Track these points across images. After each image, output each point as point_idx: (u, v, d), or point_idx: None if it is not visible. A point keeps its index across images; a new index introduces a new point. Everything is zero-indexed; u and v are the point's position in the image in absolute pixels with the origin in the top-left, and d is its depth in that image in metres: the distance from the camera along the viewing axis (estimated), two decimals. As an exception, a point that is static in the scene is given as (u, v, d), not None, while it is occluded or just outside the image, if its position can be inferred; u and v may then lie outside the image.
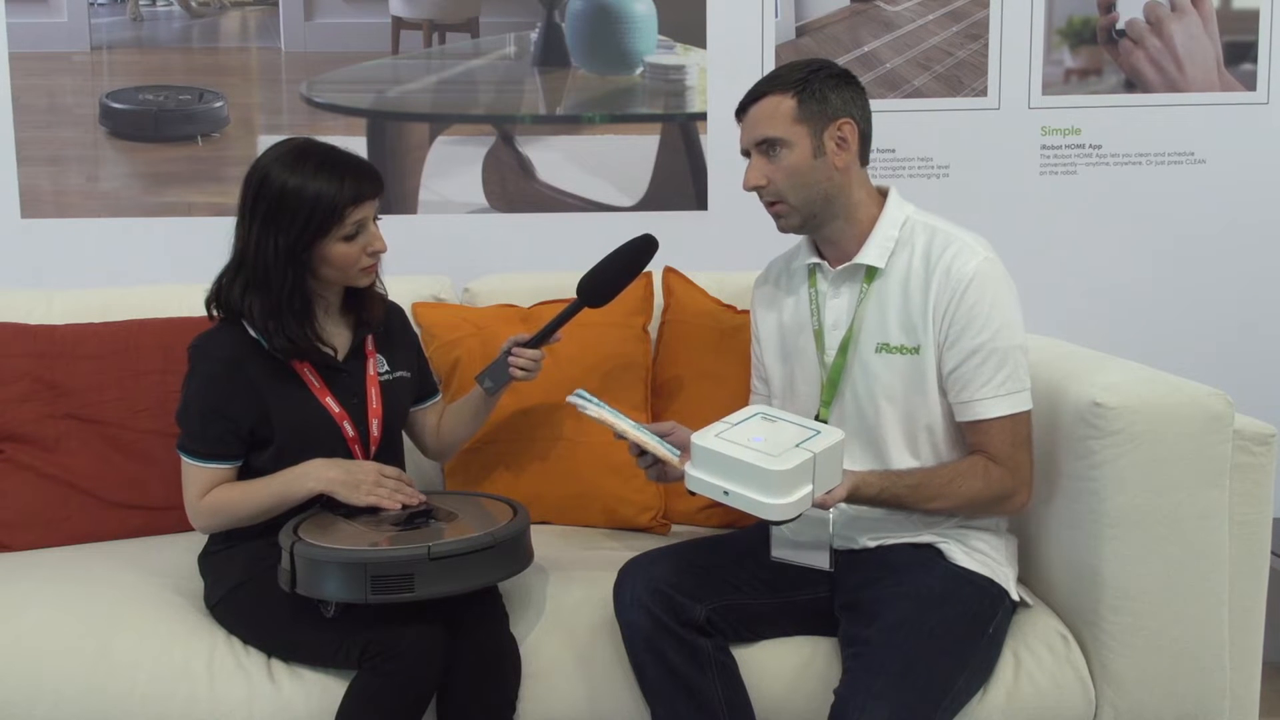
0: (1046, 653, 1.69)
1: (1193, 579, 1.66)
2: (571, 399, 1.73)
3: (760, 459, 1.47)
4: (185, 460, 1.74)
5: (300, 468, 1.72)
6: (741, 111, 1.73)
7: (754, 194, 1.73)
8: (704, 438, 1.54)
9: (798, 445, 1.51)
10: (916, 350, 1.68)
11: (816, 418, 1.75)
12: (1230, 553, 1.68)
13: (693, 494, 1.56)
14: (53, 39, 2.65)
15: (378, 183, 1.74)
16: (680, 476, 1.61)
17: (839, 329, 1.74)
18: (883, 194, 1.76)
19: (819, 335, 1.76)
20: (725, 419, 1.59)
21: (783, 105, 1.68)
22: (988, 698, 1.65)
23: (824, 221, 1.72)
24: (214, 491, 1.73)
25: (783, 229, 1.75)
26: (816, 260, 1.78)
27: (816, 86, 1.68)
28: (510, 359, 1.88)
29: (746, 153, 1.73)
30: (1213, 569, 1.67)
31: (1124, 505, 1.65)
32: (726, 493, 1.50)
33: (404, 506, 1.70)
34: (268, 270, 1.70)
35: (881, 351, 1.70)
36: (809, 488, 1.50)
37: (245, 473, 1.77)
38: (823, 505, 1.56)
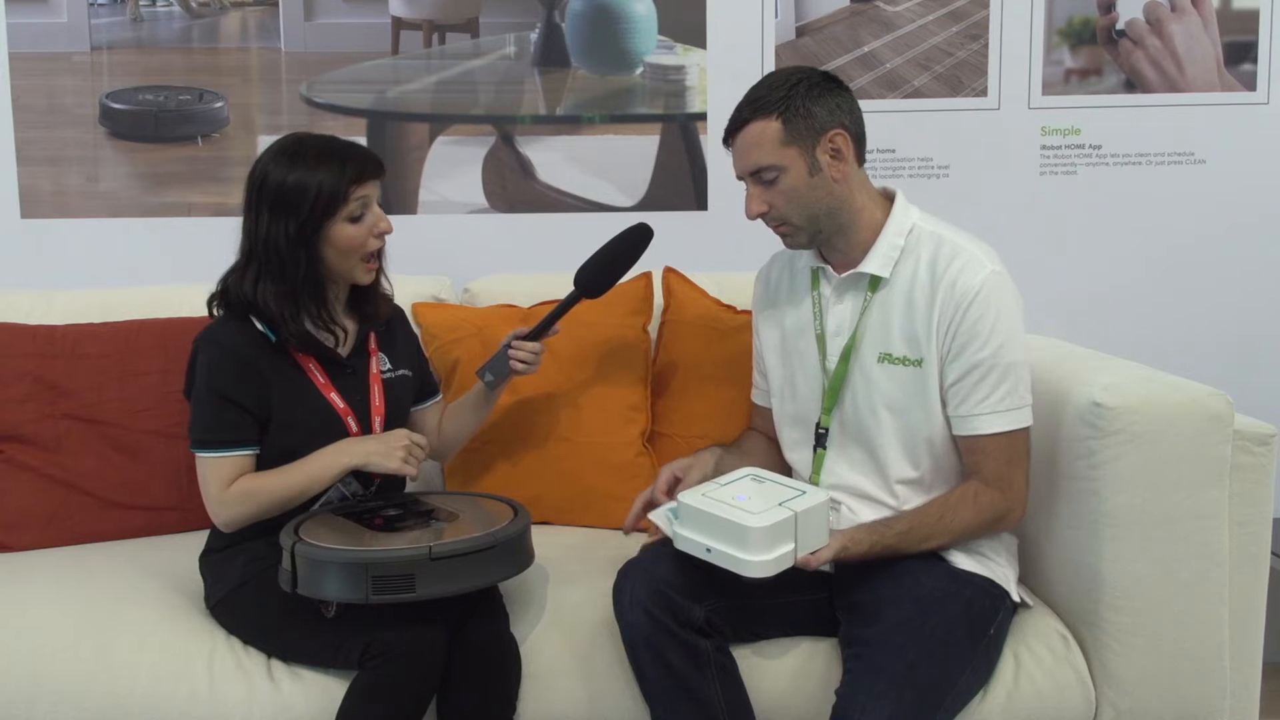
0: (1046, 653, 1.69)
1: (1192, 579, 1.66)
2: (660, 521, 1.68)
3: (740, 516, 1.52)
4: (202, 456, 1.73)
5: (330, 448, 1.73)
6: (728, 138, 1.69)
7: None
8: (691, 496, 1.59)
9: (780, 504, 1.54)
10: (919, 363, 1.67)
11: (817, 424, 1.75)
12: (1230, 553, 1.68)
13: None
14: (53, 39, 2.64)
15: (378, 163, 1.76)
16: None
17: (841, 336, 1.73)
18: (887, 197, 1.74)
19: (821, 340, 1.75)
20: (715, 479, 1.65)
21: (768, 130, 1.63)
22: (988, 698, 1.65)
23: (831, 234, 1.70)
24: (240, 480, 1.72)
25: (791, 247, 1.74)
26: (821, 264, 1.77)
27: (799, 103, 1.63)
28: (510, 352, 1.89)
29: (742, 178, 1.71)
30: (1212, 569, 1.67)
31: (1124, 505, 1.65)
32: (709, 550, 1.55)
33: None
34: (281, 257, 1.71)
35: (883, 361, 1.69)
36: (790, 546, 1.53)
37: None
38: (806, 566, 1.56)
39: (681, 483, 1.76)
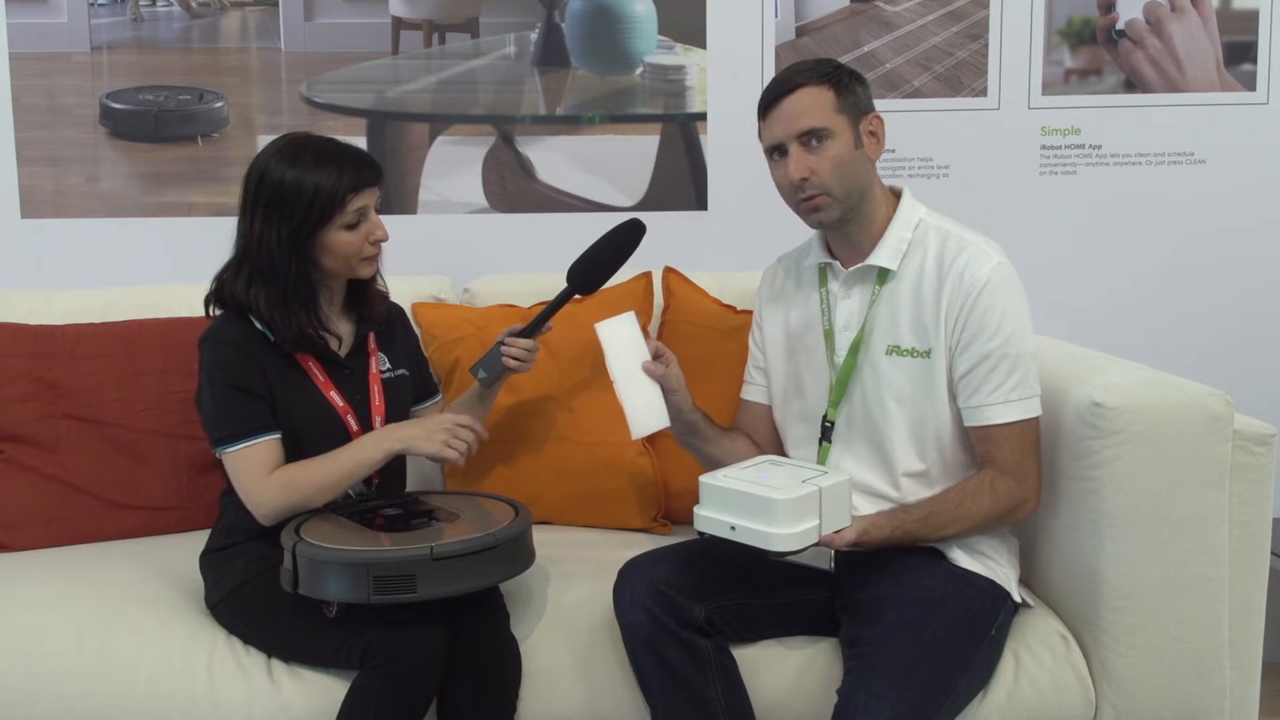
0: (1046, 653, 1.69)
1: (1193, 579, 1.66)
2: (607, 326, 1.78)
3: (765, 491, 1.53)
4: (229, 451, 1.70)
5: (372, 434, 1.74)
6: (769, 105, 1.69)
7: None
8: (712, 477, 1.60)
9: (803, 481, 1.56)
10: (927, 354, 1.68)
11: (824, 418, 1.75)
12: (1230, 553, 1.68)
13: (702, 535, 1.59)
14: (53, 39, 2.64)
15: (377, 171, 1.76)
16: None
17: (850, 330, 1.74)
18: (895, 194, 1.76)
19: (829, 335, 1.76)
20: (735, 464, 1.65)
21: (822, 95, 1.67)
22: (988, 698, 1.65)
23: (856, 215, 1.70)
24: (279, 471, 1.70)
25: (821, 221, 1.70)
26: (828, 260, 1.77)
27: (846, 80, 1.69)
28: (503, 349, 1.88)
29: (772, 150, 1.70)
30: (1212, 569, 1.67)
31: (1124, 505, 1.65)
32: (733, 528, 1.55)
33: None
34: (272, 260, 1.71)
35: (892, 354, 1.70)
36: (814, 522, 1.54)
37: None
38: (829, 545, 1.57)
39: (665, 362, 1.79)
